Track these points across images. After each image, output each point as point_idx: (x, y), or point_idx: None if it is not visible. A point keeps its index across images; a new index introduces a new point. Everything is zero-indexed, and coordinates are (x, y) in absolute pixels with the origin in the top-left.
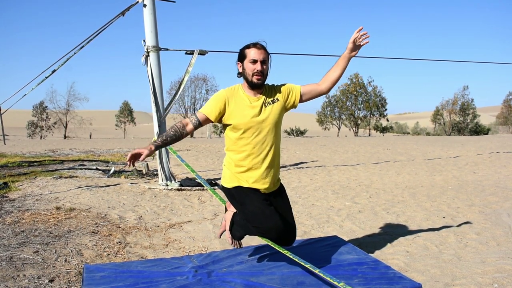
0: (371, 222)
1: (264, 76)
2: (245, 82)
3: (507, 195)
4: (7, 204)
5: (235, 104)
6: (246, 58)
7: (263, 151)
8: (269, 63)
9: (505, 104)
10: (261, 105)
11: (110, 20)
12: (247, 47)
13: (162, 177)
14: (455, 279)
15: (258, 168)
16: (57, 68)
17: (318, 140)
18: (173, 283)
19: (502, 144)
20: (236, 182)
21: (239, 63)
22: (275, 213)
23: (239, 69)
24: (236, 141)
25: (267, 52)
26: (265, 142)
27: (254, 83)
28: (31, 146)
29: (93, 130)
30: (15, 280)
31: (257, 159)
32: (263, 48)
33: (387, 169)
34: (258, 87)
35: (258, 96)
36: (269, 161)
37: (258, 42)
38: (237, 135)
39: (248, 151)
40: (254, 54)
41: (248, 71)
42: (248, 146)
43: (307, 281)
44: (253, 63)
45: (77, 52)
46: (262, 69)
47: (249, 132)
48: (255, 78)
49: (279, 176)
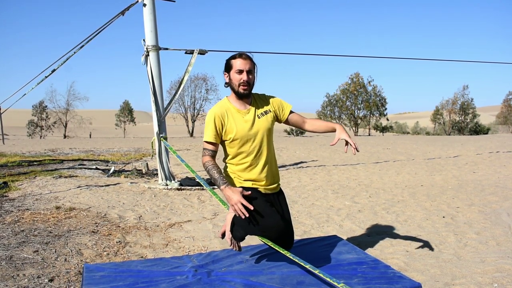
0: (371, 222)
1: (250, 86)
2: (232, 92)
3: (507, 194)
4: (7, 203)
5: (228, 120)
6: (232, 68)
7: (261, 160)
8: (255, 73)
9: (505, 103)
10: (253, 117)
11: (110, 20)
12: (233, 58)
13: (162, 177)
14: (454, 279)
15: (258, 176)
16: (56, 68)
17: (318, 139)
18: (173, 282)
19: (501, 143)
20: (238, 183)
21: (226, 73)
22: (275, 212)
23: (226, 79)
24: (235, 155)
25: (253, 62)
26: (262, 152)
27: (240, 93)
28: (31, 146)
29: (93, 129)
30: (15, 279)
31: (257, 168)
32: (249, 58)
33: (387, 169)
34: (245, 96)
35: (248, 108)
36: (268, 168)
37: (244, 53)
38: (235, 149)
39: (248, 163)
40: (240, 64)
41: (235, 81)
42: (246, 158)
43: (307, 281)
44: (239, 73)
45: (77, 51)
46: (248, 79)
47: (247, 145)
48: (241, 88)
49: (279, 180)
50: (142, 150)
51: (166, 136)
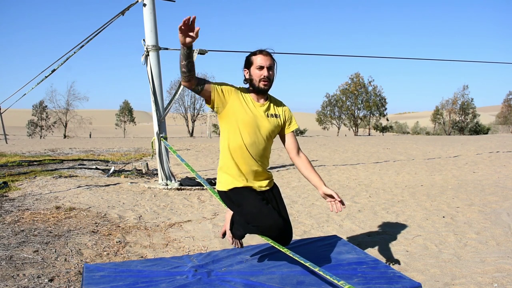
0: (371, 222)
1: (271, 81)
2: (252, 88)
3: (507, 194)
4: (6, 203)
5: (240, 100)
6: (253, 64)
7: (257, 153)
8: (275, 69)
9: (505, 103)
10: (264, 111)
11: (110, 20)
12: (254, 54)
13: (162, 177)
14: (454, 279)
15: (251, 167)
16: (57, 68)
17: (318, 139)
18: (173, 282)
19: (501, 143)
20: (231, 184)
21: (246, 69)
22: (273, 211)
23: (246, 76)
24: (232, 136)
25: (273, 59)
26: (259, 143)
27: (260, 88)
28: (30, 146)
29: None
30: (14, 279)
31: (251, 159)
32: (269, 55)
33: (386, 169)
34: (263, 92)
35: (263, 103)
36: (261, 161)
37: (264, 49)
38: (234, 128)
39: (241, 151)
40: (261, 60)
41: (255, 77)
42: (241, 145)
43: (307, 281)
44: (260, 69)
45: (77, 51)
46: (268, 74)
47: (247, 130)
48: (262, 84)
49: (272, 175)
50: (142, 150)
51: (166, 136)
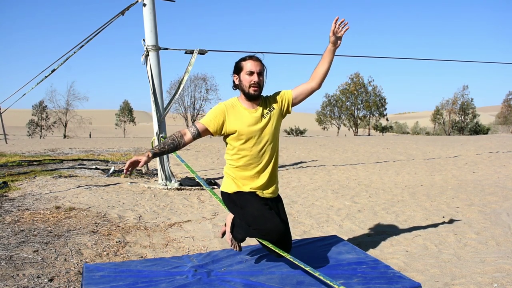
0: (371, 222)
1: (261, 87)
2: (242, 94)
3: (507, 194)
4: (6, 203)
5: (235, 116)
6: (242, 70)
7: (263, 161)
8: (265, 75)
9: (505, 103)
10: (260, 115)
11: (110, 20)
12: (243, 60)
13: (161, 177)
14: (454, 279)
15: (258, 177)
16: (56, 68)
17: (317, 139)
18: (173, 282)
19: (501, 143)
20: (236, 187)
21: (235, 75)
22: (275, 215)
23: (235, 81)
24: (237, 151)
25: (263, 65)
26: (265, 151)
27: (251, 94)
28: (30, 145)
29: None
30: (14, 279)
31: (257, 168)
32: (259, 61)
33: (386, 169)
34: (254, 98)
35: (256, 108)
36: (269, 170)
37: (254, 55)
38: (238, 144)
39: (249, 161)
40: (251, 66)
41: (245, 83)
42: (249, 156)
43: (307, 281)
44: (250, 74)
45: (76, 51)
46: (258, 80)
47: (250, 142)
48: (252, 90)
49: (278, 185)
50: (142, 150)
51: (166, 136)
